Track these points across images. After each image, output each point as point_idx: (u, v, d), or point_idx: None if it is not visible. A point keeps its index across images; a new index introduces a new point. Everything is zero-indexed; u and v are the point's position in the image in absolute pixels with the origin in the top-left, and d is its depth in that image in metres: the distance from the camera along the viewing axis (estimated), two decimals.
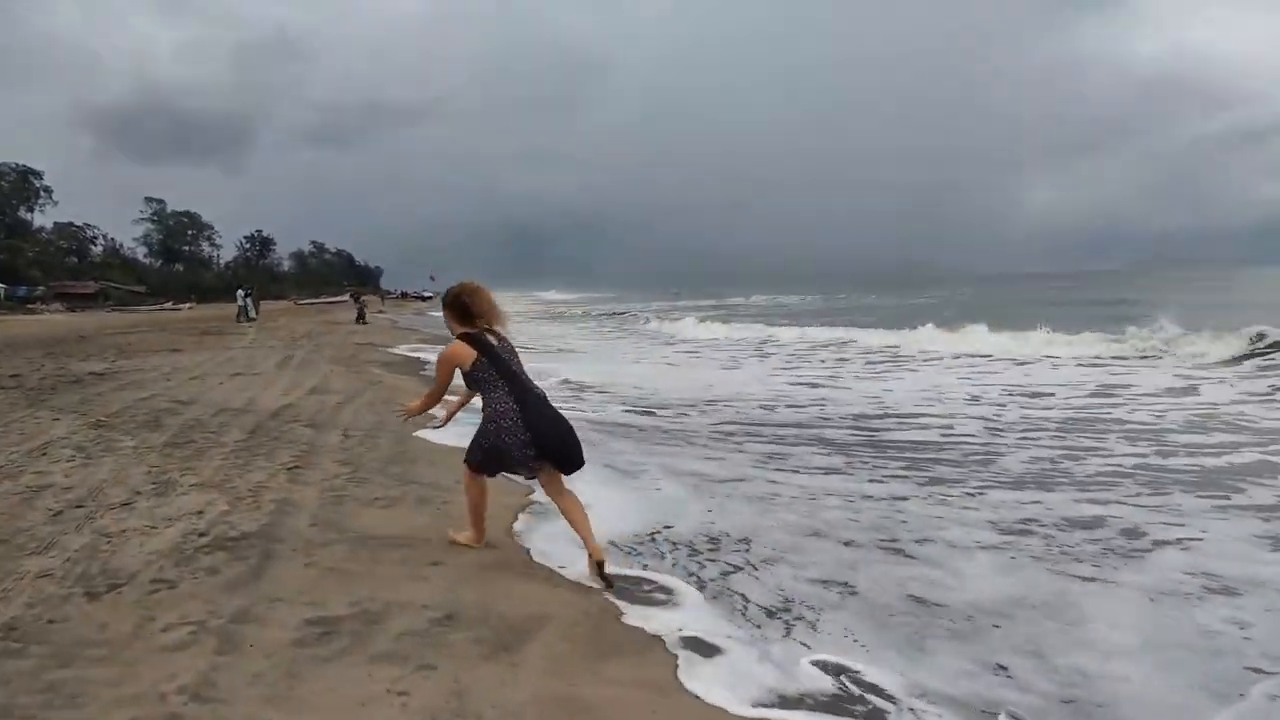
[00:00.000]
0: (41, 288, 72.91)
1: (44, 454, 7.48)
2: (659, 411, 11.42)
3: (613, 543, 5.27)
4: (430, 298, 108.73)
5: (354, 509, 5.85)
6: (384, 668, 3.48)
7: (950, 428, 9.93)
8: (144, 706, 3.12)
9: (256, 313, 42.80)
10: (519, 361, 4.91)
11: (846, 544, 5.46)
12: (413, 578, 4.57)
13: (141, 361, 18.11)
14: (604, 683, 3.48)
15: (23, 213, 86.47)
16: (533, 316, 55.88)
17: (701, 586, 4.71)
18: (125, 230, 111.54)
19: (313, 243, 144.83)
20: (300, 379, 14.09)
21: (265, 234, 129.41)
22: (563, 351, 25.10)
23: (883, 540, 5.53)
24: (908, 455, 8.28)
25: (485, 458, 4.84)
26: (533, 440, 4.67)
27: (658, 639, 3.96)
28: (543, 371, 14.28)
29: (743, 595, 4.59)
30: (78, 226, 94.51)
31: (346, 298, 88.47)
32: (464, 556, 4.96)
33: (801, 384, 15.12)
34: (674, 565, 5.06)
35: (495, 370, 4.73)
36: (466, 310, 4.88)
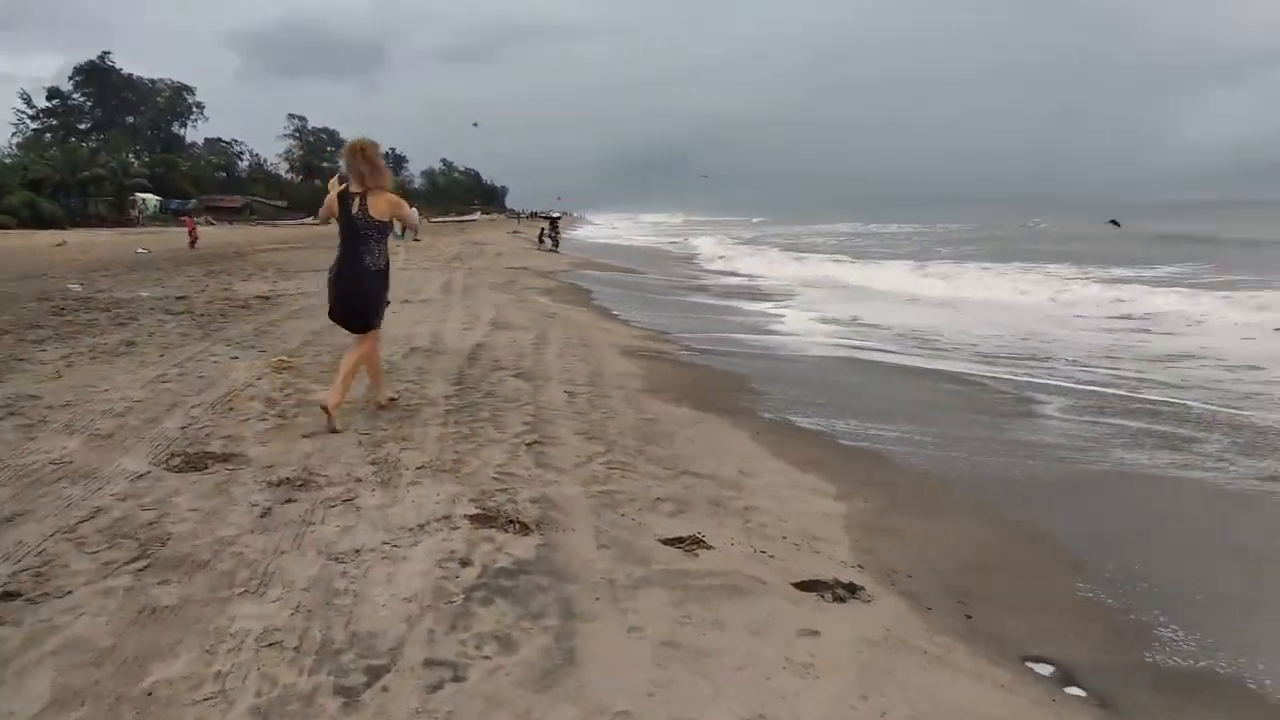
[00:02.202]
0: (194, 201, 75.36)
1: (230, 408, 6.26)
2: None
3: None
4: (559, 218, 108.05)
5: (638, 517, 4.32)
6: None
7: None
8: None
9: (418, 236, 41.85)
10: (376, 227, 5.64)
11: None
12: (790, 667, 2.99)
13: (303, 283, 17.29)
14: None
15: (176, 128, 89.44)
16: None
17: None
18: (269, 146, 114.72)
19: (443, 160, 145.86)
20: (475, 310, 12.81)
21: (398, 152, 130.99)
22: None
23: None
24: None
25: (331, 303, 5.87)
26: (333, 294, 5.80)
27: None
28: None
29: None
30: (226, 142, 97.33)
31: (476, 217, 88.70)
32: (840, 631, 3.34)
33: None
34: None
35: (342, 225, 5.64)
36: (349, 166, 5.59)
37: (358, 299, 5.78)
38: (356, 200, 5.59)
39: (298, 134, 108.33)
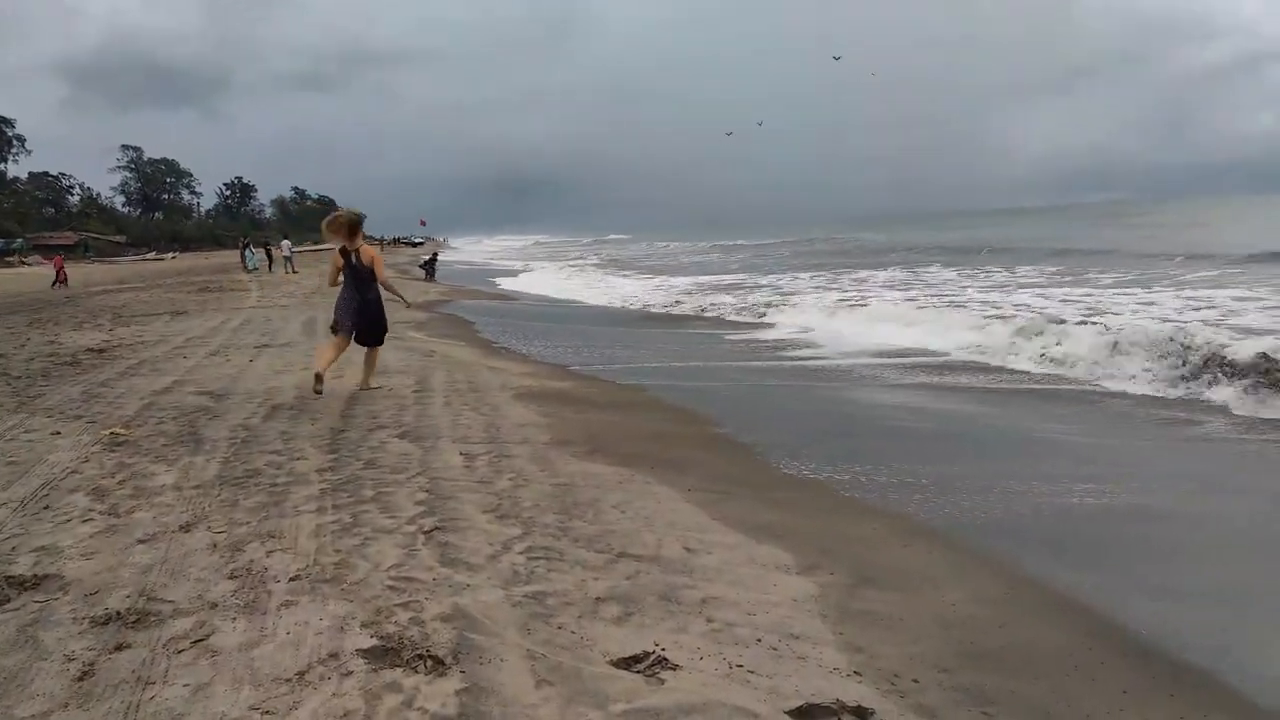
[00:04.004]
0: (20, 240, 69.33)
1: (46, 507, 5.04)
2: None
3: None
4: (421, 243, 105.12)
5: (579, 629, 3.48)
6: None
7: None
8: None
9: (294, 268, 39.38)
10: (368, 271, 8.19)
11: None
12: None
13: (143, 328, 15.58)
14: None
15: None
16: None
17: None
18: (102, 180, 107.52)
19: (295, 189, 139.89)
20: (346, 354, 11.58)
21: (245, 180, 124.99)
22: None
23: None
24: None
25: (336, 321, 8.34)
26: (355, 321, 8.27)
27: None
28: None
29: None
30: (54, 176, 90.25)
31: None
32: None
33: None
34: None
35: (347, 273, 8.15)
36: (335, 232, 8.08)
37: (379, 321, 8.52)
38: (354, 255, 8.10)
39: (133, 165, 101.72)
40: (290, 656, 3.21)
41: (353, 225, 8.08)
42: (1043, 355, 10.79)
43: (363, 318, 8.26)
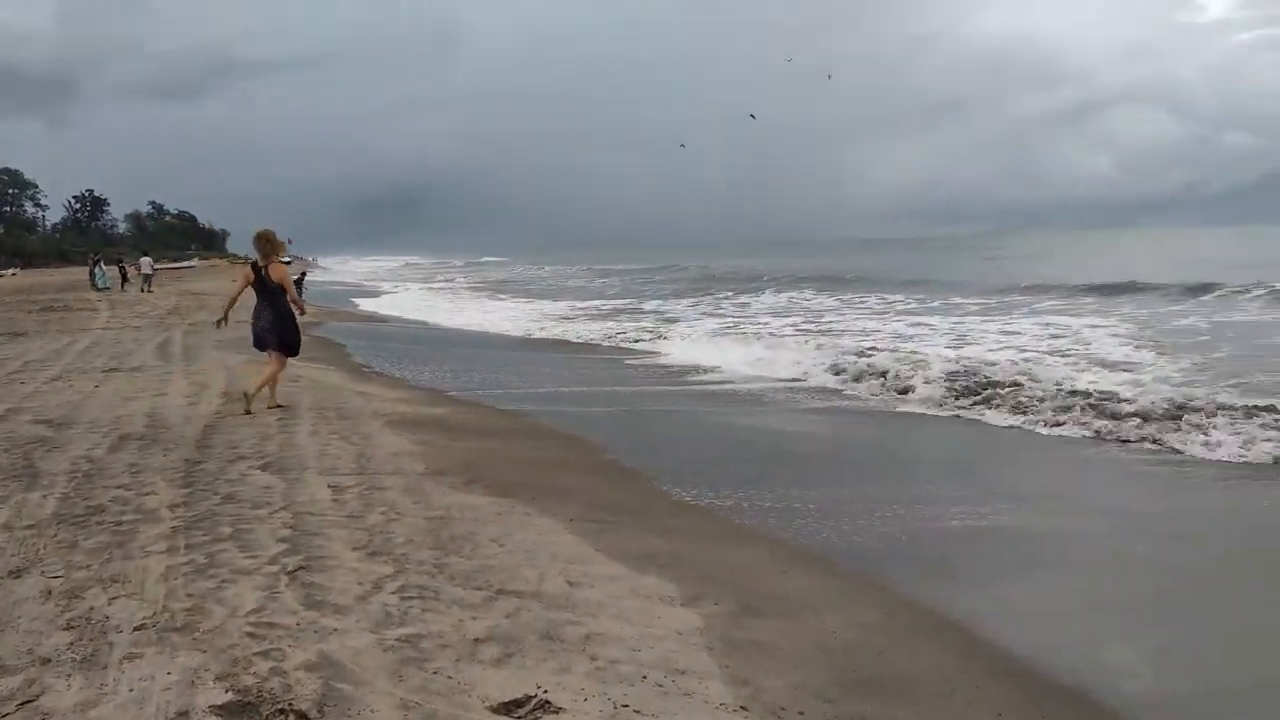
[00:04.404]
0: None
1: None
2: None
3: None
4: (289, 262, 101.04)
5: (456, 673, 3.30)
6: None
7: None
8: None
9: (149, 288, 37.04)
10: (277, 286, 8.60)
11: None
12: None
13: None
14: None
15: None
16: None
17: None
18: None
19: (152, 203, 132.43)
20: (202, 377, 10.97)
21: (96, 194, 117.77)
22: None
23: None
24: None
25: (257, 337, 8.92)
26: (263, 330, 8.71)
27: None
28: None
29: None
30: None
31: (194, 264, 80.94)
32: None
33: None
34: None
35: (257, 288, 8.58)
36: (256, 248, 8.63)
37: (291, 335, 8.85)
38: (264, 270, 8.54)
39: None
40: (133, 717, 2.91)
41: (268, 243, 8.56)
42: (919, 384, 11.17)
43: (275, 331, 8.64)
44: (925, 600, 4.46)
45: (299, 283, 35.48)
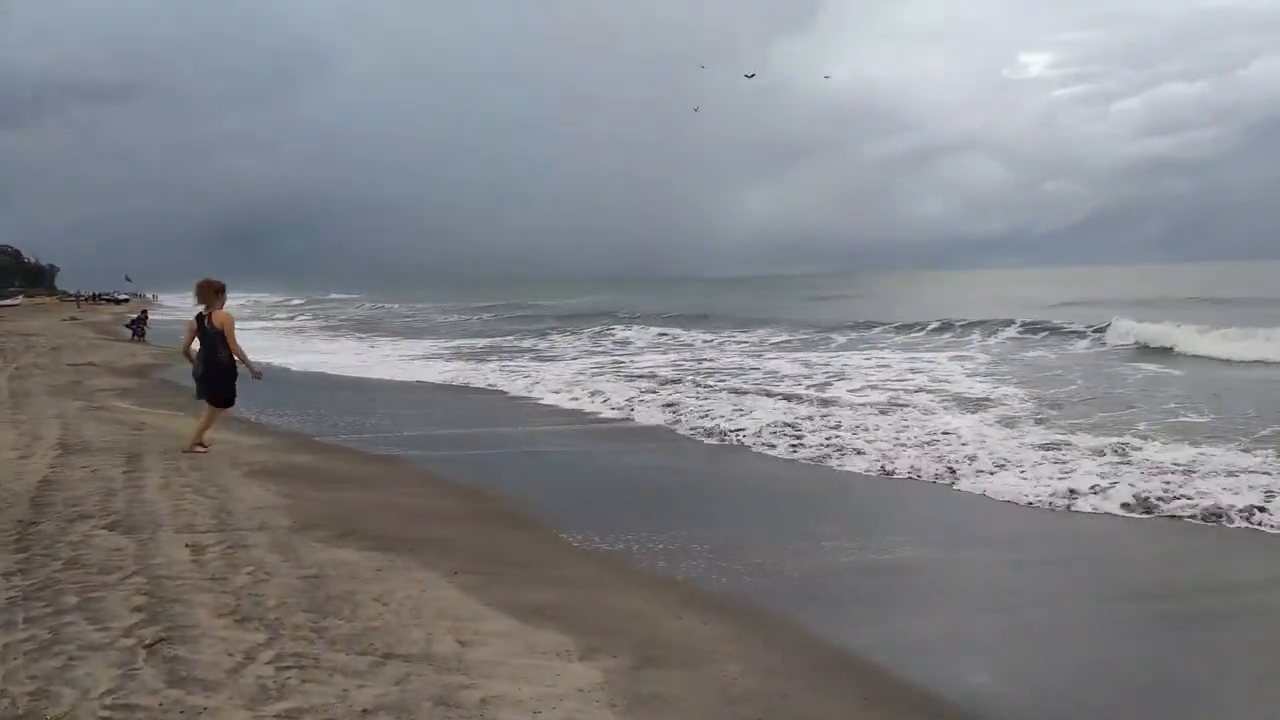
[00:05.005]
0: None
1: None
2: None
3: None
4: (126, 300, 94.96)
5: None
6: None
7: None
8: None
9: None
10: (218, 334, 8.41)
11: None
12: None
13: None
14: None
15: None
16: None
17: None
18: None
19: None
20: (32, 427, 10.02)
21: None
22: None
23: None
24: None
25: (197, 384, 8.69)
26: (196, 377, 8.60)
27: None
28: None
29: None
30: None
31: (18, 301, 74.29)
32: None
33: None
34: None
35: (200, 335, 8.52)
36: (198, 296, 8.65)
37: (217, 383, 8.52)
38: (206, 319, 8.46)
39: None
40: None
41: (206, 291, 8.56)
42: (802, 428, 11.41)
43: (205, 379, 8.51)
44: (823, 639, 4.49)
45: (139, 322, 33.12)
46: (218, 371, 8.48)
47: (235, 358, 8.49)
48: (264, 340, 33.46)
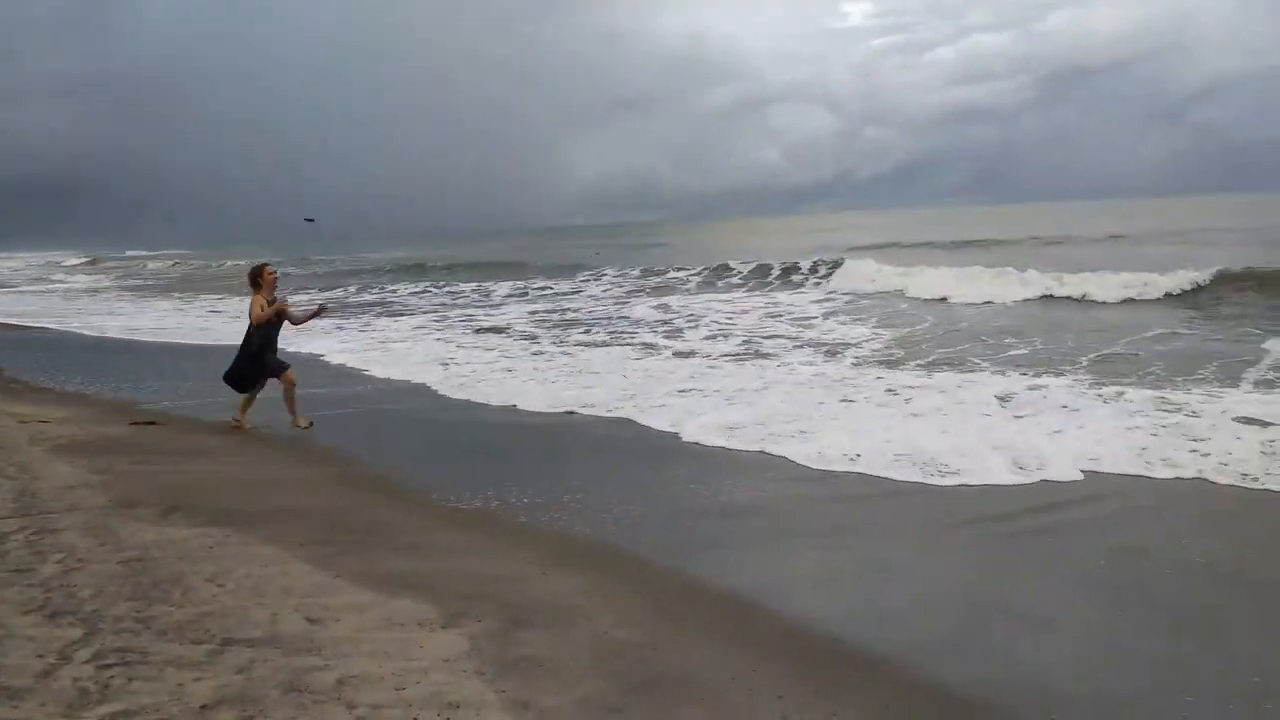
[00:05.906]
0: None
1: None
2: None
3: None
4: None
5: None
6: None
7: None
8: None
9: None
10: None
11: None
12: None
13: None
14: None
15: None
16: None
17: None
18: None
19: None
20: None
21: None
22: None
23: None
24: None
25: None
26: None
27: None
28: None
29: None
30: None
31: None
32: None
33: None
34: None
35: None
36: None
37: (239, 368, 8.46)
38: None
39: None
40: None
41: (251, 276, 8.55)
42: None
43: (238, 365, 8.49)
44: (688, 583, 4.46)
45: None
46: (244, 358, 8.45)
47: (261, 337, 8.35)
48: (82, 304, 30.63)
